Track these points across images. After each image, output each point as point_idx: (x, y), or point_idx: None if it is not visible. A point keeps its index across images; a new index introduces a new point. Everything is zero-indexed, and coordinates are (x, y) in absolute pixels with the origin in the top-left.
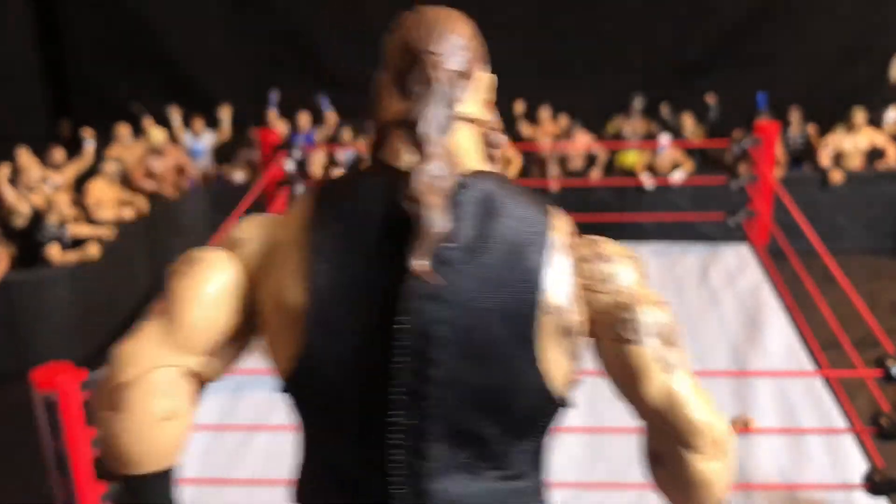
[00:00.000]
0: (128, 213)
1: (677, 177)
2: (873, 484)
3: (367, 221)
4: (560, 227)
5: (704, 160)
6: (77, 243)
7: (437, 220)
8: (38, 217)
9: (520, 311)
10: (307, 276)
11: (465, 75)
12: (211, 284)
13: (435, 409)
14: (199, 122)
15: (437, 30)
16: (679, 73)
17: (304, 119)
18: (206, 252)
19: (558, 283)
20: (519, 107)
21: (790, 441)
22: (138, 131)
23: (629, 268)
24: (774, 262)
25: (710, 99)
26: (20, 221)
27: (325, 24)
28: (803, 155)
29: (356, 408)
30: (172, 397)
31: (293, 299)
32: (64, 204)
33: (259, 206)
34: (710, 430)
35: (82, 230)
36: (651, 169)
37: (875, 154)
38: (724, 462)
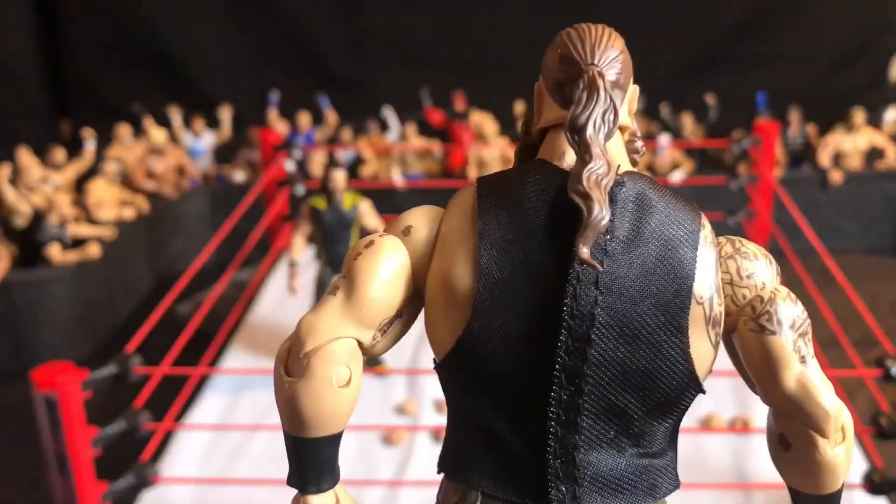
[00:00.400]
0: (128, 214)
1: (677, 177)
2: (873, 484)
3: (531, 212)
4: (707, 225)
5: (704, 160)
6: (77, 243)
7: (602, 212)
8: (38, 217)
9: (673, 300)
10: (475, 260)
11: (619, 86)
12: (387, 265)
13: (590, 386)
14: (199, 122)
15: (599, 45)
16: (679, 73)
17: (304, 119)
18: (382, 237)
19: (707, 276)
20: (519, 107)
21: None
22: (138, 131)
23: (767, 265)
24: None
25: (710, 99)
26: (21, 221)
27: (325, 24)
28: (803, 155)
29: (517, 382)
30: (349, 366)
31: (462, 281)
32: (64, 204)
33: (259, 206)
34: (838, 417)
35: (83, 230)
36: (651, 169)
37: (874, 154)
38: (847, 447)
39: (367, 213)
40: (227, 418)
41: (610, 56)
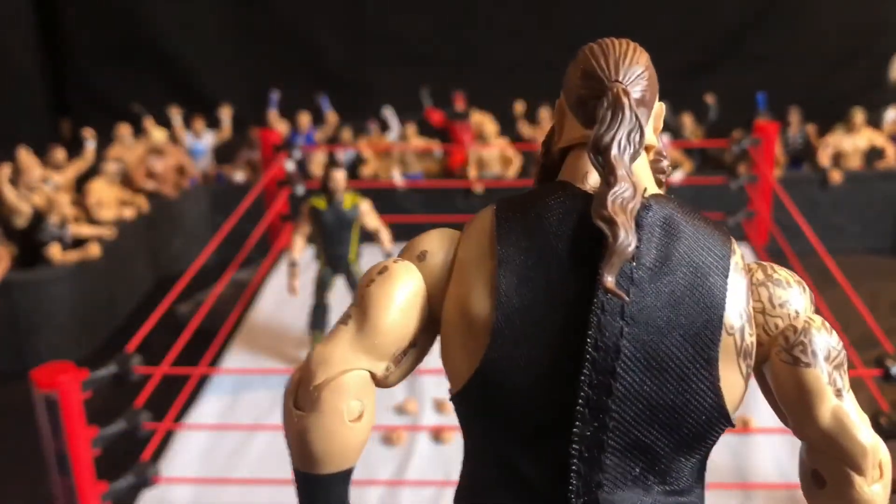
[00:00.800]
0: (128, 213)
1: (677, 177)
2: None
3: (553, 238)
4: (738, 250)
5: (704, 160)
6: (78, 243)
7: (627, 238)
8: (38, 217)
9: (702, 331)
10: (494, 287)
11: (645, 103)
12: (401, 293)
13: (614, 421)
14: (199, 122)
15: (624, 60)
16: (679, 73)
17: (304, 119)
18: (396, 263)
19: (738, 305)
20: (519, 107)
21: (790, 441)
22: (139, 131)
23: (801, 293)
24: (774, 261)
25: (710, 99)
26: (21, 221)
27: (325, 24)
28: (803, 155)
29: (537, 417)
30: (361, 399)
31: (480, 310)
32: (65, 204)
33: (259, 206)
34: (875, 453)
35: (83, 230)
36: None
37: (874, 154)
38: (885, 484)
39: (368, 213)
40: (227, 418)
41: (635, 72)
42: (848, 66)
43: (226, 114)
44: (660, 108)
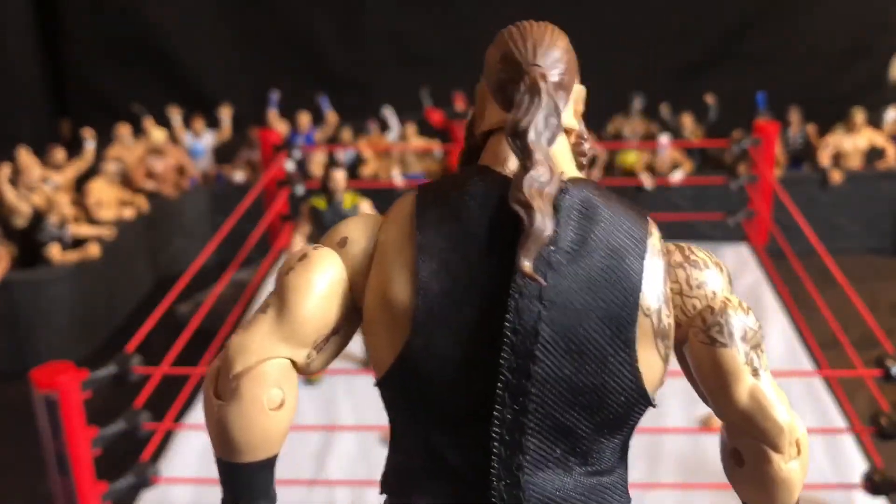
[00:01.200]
0: (128, 213)
1: (677, 177)
2: (873, 484)
3: (472, 223)
4: (655, 232)
5: (704, 160)
6: (77, 243)
7: (545, 223)
8: (38, 217)
9: (620, 313)
10: (414, 273)
11: (564, 86)
12: (321, 279)
13: (534, 404)
14: (199, 122)
15: (541, 44)
16: (679, 73)
17: (304, 119)
18: (317, 249)
19: (655, 287)
20: None
21: None
22: (139, 131)
23: (718, 274)
24: (774, 262)
25: (710, 99)
26: (21, 221)
27: (326, 24)
28: (803, 155)
29: (458, 401)
30: (281, 388)
31: (401, 296)
32: (64, 204)
33: (259, 206)
34: (793, 431)
35: (83, 230)
36: (651, 169)
37: (874, 154)
38: (802, 462)
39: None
40: None
41: (553, 55)
42: (848, 66)
43: (226, 114)
44: (580, 90)
